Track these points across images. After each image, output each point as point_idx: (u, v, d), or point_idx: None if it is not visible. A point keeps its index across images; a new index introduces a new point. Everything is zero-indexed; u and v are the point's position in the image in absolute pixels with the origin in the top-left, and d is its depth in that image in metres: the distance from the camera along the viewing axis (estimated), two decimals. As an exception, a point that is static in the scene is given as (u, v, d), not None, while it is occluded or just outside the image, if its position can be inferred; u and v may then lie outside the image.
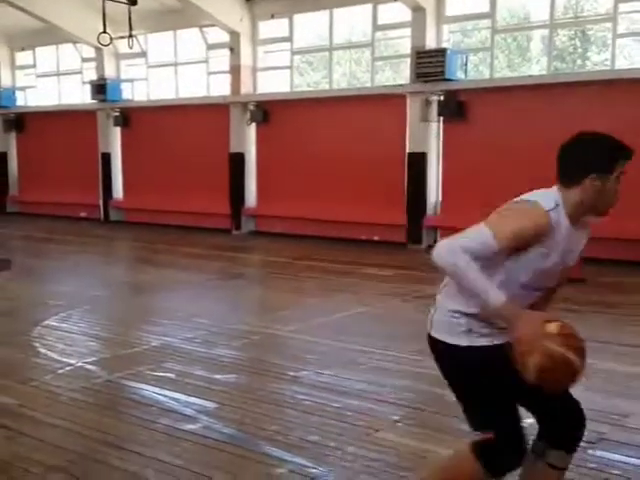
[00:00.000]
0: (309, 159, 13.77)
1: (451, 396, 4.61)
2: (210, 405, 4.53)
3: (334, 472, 3.58)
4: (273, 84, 14.70)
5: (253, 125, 14.47)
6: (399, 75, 13.23)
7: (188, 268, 10.44)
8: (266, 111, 14.20)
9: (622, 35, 10.96)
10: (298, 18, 14.03)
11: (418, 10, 11.99)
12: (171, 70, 15.97)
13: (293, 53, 14.30)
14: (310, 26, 14.38)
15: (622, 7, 10.69)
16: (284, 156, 14.15)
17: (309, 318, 7.02)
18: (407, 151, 12.55)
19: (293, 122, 13.96)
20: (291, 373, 5.21)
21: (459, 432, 4.02)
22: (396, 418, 4.30)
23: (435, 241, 12.56)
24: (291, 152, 14.02)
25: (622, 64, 11.01)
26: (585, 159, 2.51)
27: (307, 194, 13.73)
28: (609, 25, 10.91)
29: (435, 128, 12.40)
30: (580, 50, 12.28)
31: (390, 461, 3.69)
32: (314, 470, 3.59)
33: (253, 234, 14.50)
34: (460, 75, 11.87)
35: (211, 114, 14.86)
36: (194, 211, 15.14)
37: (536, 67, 12.09)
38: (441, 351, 2.71)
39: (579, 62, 12.00)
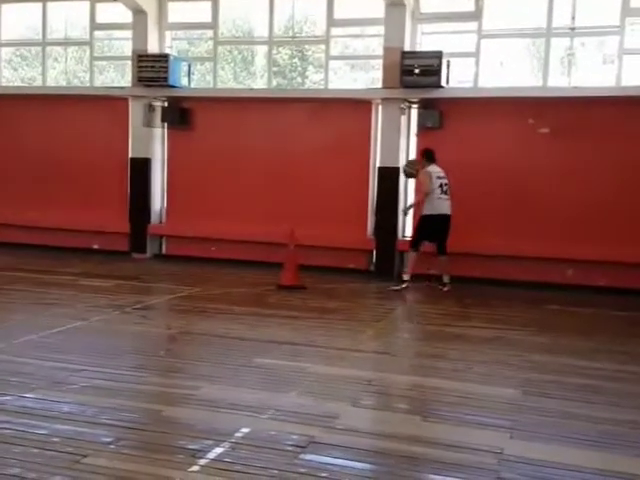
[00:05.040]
0: (19, 162, 12.69)
1: (170, 412, 4.50)
2: None
3: (33, 509, 3.22)
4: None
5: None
6: (125, 78, 12.73)
7: None
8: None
9: (334, 57, 11.73)
10: (6, 8, 12.84)
11: (139, 13, 11.67)
12: None
13: (0, 45, 13.07)
14: (21, 18, 13.24)
15: (334, 31, 11.46)
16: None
17: (14, 336, 6.35)
18: (130, 156, 12.13)
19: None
20: (-11, 400, 4.64)
21: (175, 450, 3.91)
22: (108, 440, 4.01)
23: (161, 249, 12.30)
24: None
25: (336, 83, 11.80)
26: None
27: (19, 199, 12.64)
28: (324, 47, 11.62)
29: (159, 134, 12.16)
30: (300, 69, 12.89)
31: (98, 488, 3.43)
32: (11, 508, 3.20)
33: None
34: (184, 82, 11.78)
35: None
36: None
37: (260, 81, 12.43)
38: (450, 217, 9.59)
39: (299, 80, 12.58)
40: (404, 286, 9.55)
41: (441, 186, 9.49)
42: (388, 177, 10.79)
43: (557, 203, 10.21)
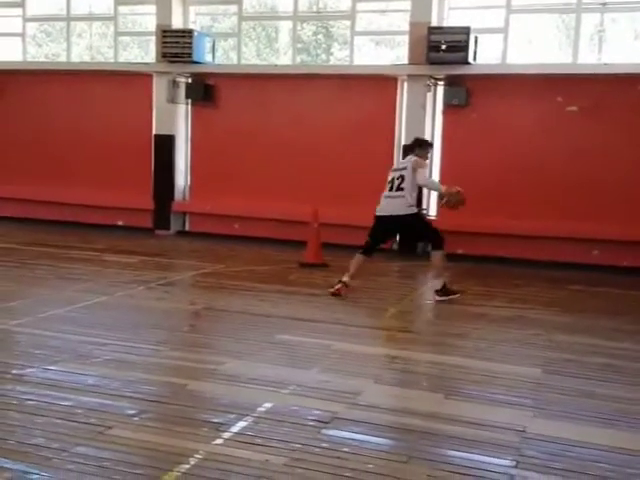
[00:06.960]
0: (43, 138, 12.76)
1: (194, 386, 4.52)
2: None
3: (57, 475, 3.26)
4: (4, 53, 13.33)
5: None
6: (149, 55, 12.72)
7: None
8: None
9: (359, 33, 11.61)
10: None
11: (163, -13, 11.66)
12: None
13: (26, 20, 13.10)
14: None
15: (359, 6, 11.32)
16: (13, 134, 12.97)
17: (40, 310, 6.42)
18: (154, 133, 12.15)
19: (24, 96, 12.84)
20: (15, 371, 4.70)
21: (199, 423, 3.93)
22: (132, 413, 4.05)
23: (184, 226, 12.35)
24: (23, 129, 12.91)
25: (360, 61, 11.68)
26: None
27: (43, 175, 12.74)
28: (348, 23, 11.50)
29: (183, 110, 12.15)
30: (324, 45, 12.78)
31: (122, 458, 3.46)
32: (35, 476, 3.23)
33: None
34: (208, 59, 11.75)
35: None
36: None
37: (284, 58, 12.35)
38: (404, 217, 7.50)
39: (323, 56, 12.48)
40: (338, 287, 7.59)
41: (392, 181, 7.61)
42: (413, 155, 10.68)
43: (584, 182, 10.05)
